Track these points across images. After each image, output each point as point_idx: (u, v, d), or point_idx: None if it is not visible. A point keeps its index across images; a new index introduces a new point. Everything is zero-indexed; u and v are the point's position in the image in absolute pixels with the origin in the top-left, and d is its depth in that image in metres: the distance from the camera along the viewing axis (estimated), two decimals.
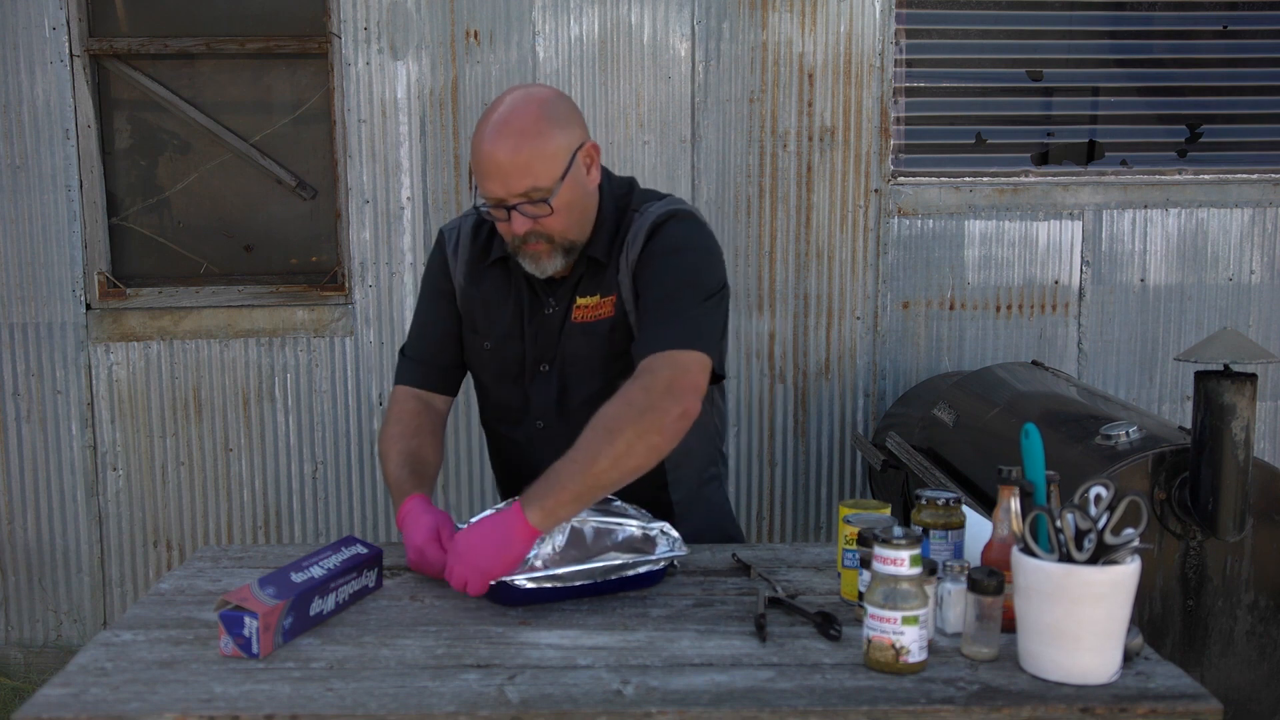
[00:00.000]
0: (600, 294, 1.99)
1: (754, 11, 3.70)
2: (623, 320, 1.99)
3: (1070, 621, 1.44)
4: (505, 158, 1.83)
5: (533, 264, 1.94)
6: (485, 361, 2.09)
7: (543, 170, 1.85)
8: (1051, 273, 3.87)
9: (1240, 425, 2.33)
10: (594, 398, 1.95)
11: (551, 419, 2.05)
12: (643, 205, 2.01)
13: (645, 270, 1.95)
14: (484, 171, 1.86)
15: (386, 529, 3.84)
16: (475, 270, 2.08)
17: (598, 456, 1.74)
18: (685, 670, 1.51)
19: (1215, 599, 2.47)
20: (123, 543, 3.82)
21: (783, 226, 3.78)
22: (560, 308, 2.02)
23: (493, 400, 2.13)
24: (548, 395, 2.05)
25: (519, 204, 1.86)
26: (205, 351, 3.76)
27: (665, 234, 1.95)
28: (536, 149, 1.84)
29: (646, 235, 1.96)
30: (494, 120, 1.86)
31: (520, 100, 1.88)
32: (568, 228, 1.92)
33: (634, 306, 1.96)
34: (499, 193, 1.86)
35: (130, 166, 3.84)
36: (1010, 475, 1.65)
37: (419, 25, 3.66)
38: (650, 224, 1.96)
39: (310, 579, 1.66)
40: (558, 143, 1.86)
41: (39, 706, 1.42)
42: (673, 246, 1.95)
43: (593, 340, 2.00)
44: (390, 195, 3.72)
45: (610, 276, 1.99)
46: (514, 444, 2.12)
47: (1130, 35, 3.92)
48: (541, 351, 2.04)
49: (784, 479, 3.89)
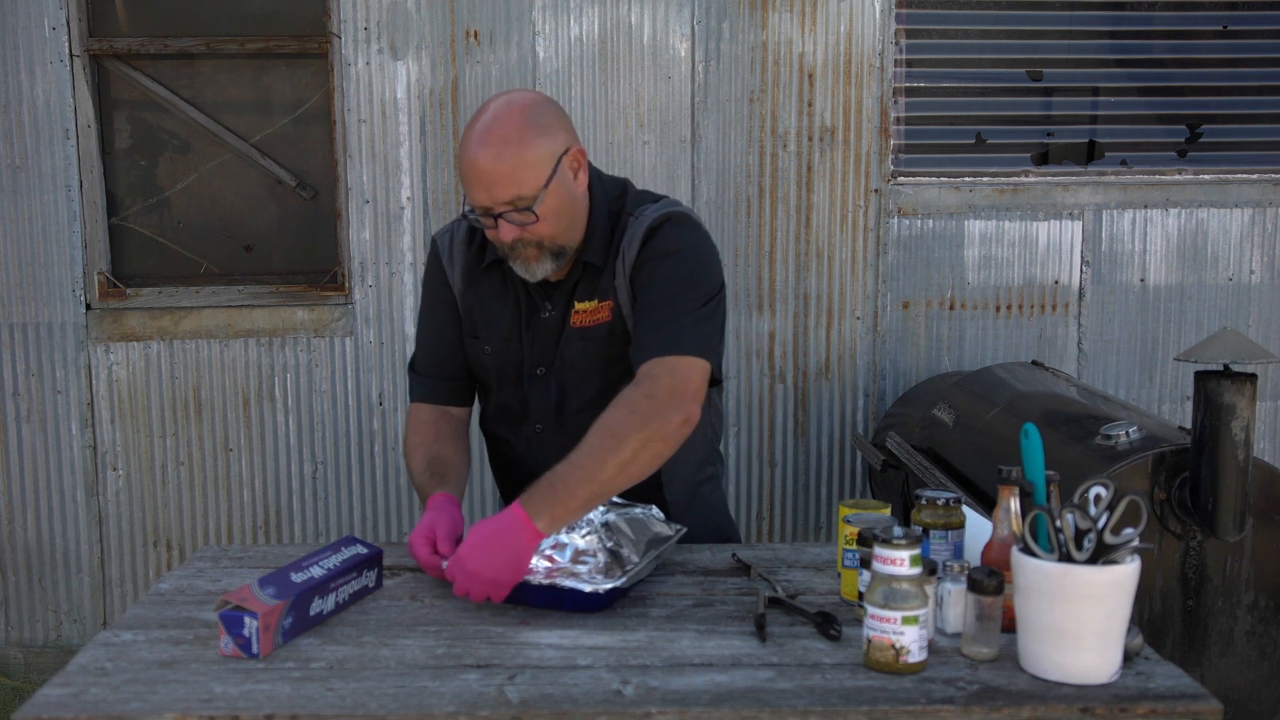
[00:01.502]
0: (598, 299, 1.99)
1: (754, 11, 3.70)
2: (620, 325, 1.98)
3: (1070, 621, 1.44)
4: (488, 166, 1.82)
5: (524, 268, 1.94)
6: (486, 365, 2.09)
7: (527, 179, 1.84)
8: (1051, 273, 3.87)
9: (1240, 425, 2.33)
10: (592, 402, 1.95)
11: (549, 423, 2.05)
12: (638, 209, 2.00)
13: (642, 274, 1.94)
14: (469, 181, 1.86)
15: (386, 529, 3.84)
16: (472, 275, 2.08)
17: (604, 463, 1.75)
18: (685, 670, 1.51)
19: (1215, 599, 2.47)
20: (123, 543, 3.82)
21: (783, 226, 3.78)
22: (557, 311, 2.02)
23: (494, 403, 2.13)
24: (546, 399, 2.05)
25: (505, 212, 1.86)
26: (205, 351, 3.76)
27: (661, 237, 1.95)
28: (519, 157, 1.83)
29: (642, 239, 1.95)
30: (477, 129, 1.85)
31: (502, 108, 1.87)
32: (556, 234, 1.91)
33: (631, 311, 1.96)
34: (484, 201, 1.86)
35: (130, 166, 3.84)
36: (1010, 475, 1.65)
37: (419, 25, 3.67)
38: (646, 228, 1.96)
39: (310, 579, 1.66)
40: (540, 150, 1.85)
41: (39, 706, 1.42)
42: (668, 250, 1.94)
43: (590, 345, 2.00)
44: (390, 195, 3.72)
45: (607, 281, 1.99)
46: (512, 447, 2.12)
47: (1130, 35, 3.92)
48: (539, 355, 2.04)
49: (784, 479, 3.89)
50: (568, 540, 1.82)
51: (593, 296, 1.99)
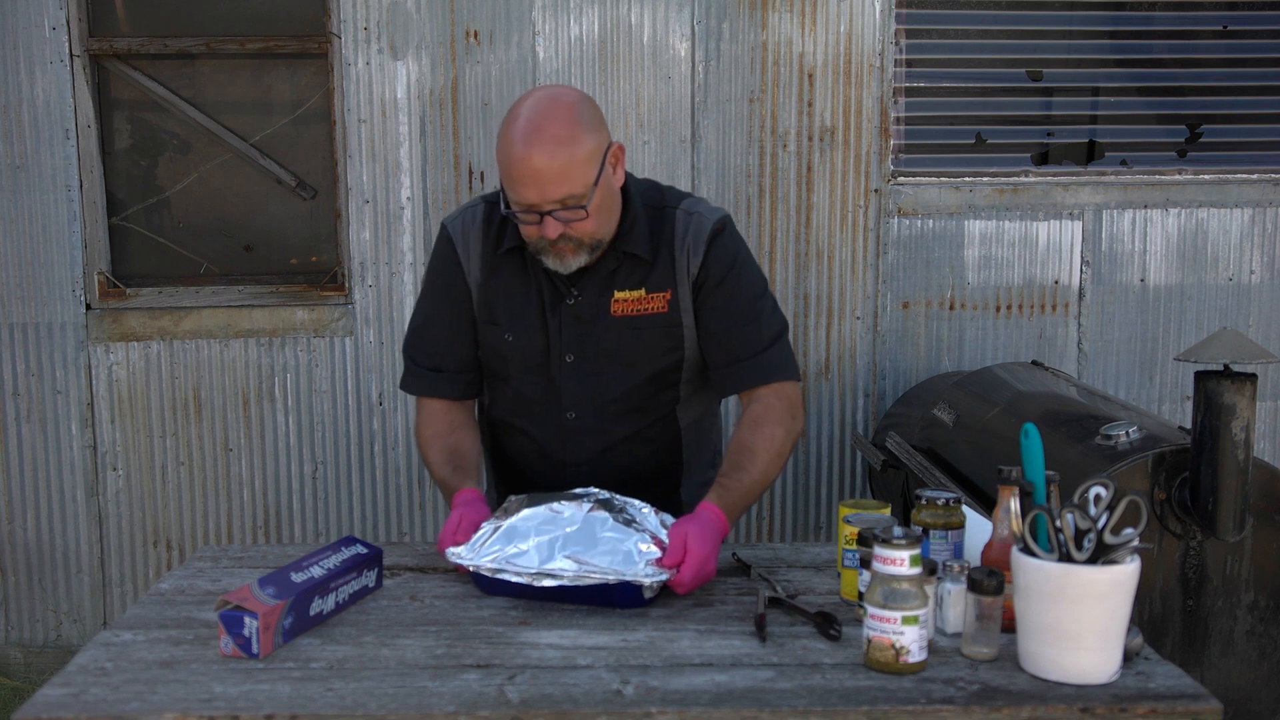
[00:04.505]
0: (645, 289, 2.00)
1: (754, 11, 3.70)
2: (675, 319, 2.01)
3: (1070, 621, 1.44)
4: (542, 165, 1.81)
5: (558, 261, 1.93)
6: (506, 353, 2.06)
7: (578, 177, 1.84)
8: (1051, 273, 3.87)
9: (1240, 425, 2.32)
10: (633, 391, 1.99)
11: (585, 410, 2.04)
12: (680, 203, 2.05)
13: (715, 286, 2.01)
14: (517, 179, 1.84)
15: (386, 529, 3.84)
16: (490, 261, 2.05)
17: (769, 482, 1.98)
18: (685, 670, 1.51)
19: (1215, 599, 2.47)
20: (123, 543, 3.82)
21: (783, 226, 3.78)
22: (587, 298, 2.00)
23: (512, 393, 2.09)
24: (580, 386, 2.03)
25: (553, 210, 1.85)
26: (205, 351, 3.76)
27: (723, 246, 2.02)
28: (572, 156, 1.83)
29: (707, 245, 2.00)
30: (525, 126, 1.83)
31: (550, 104, 1.86)
32: (598, 229, 1.92)
33: (690, 306, 2.01)
34: (534, 199, 1.84)
35: (130, 166, 3.84)
36: (1010, 475, 1.65)
37: (419, 25, 3.67)
38: (709, 233, 2.01)
39: (310, 579, 1.66)
40: (590, 148, 1.86)
41: (39, 706, 1.42)
42: (732, 258, 2.03)
43: (642, 335, 2.01)
44: (390, 195, 3.72)
45: (662, 274, 2.00)
46: (533, 438, 2.09)
47: (1130, 35, 3.92)
48: (568, 342, 2.02)
49: (784, 479, 3.89)
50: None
51: (639, 286, 2.00)
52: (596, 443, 2.03)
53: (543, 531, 1.77)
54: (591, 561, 1.72)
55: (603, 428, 1.99)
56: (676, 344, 2.02)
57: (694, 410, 2.13)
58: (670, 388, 2.07)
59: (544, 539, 1.76)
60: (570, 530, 1.77)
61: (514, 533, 1.78)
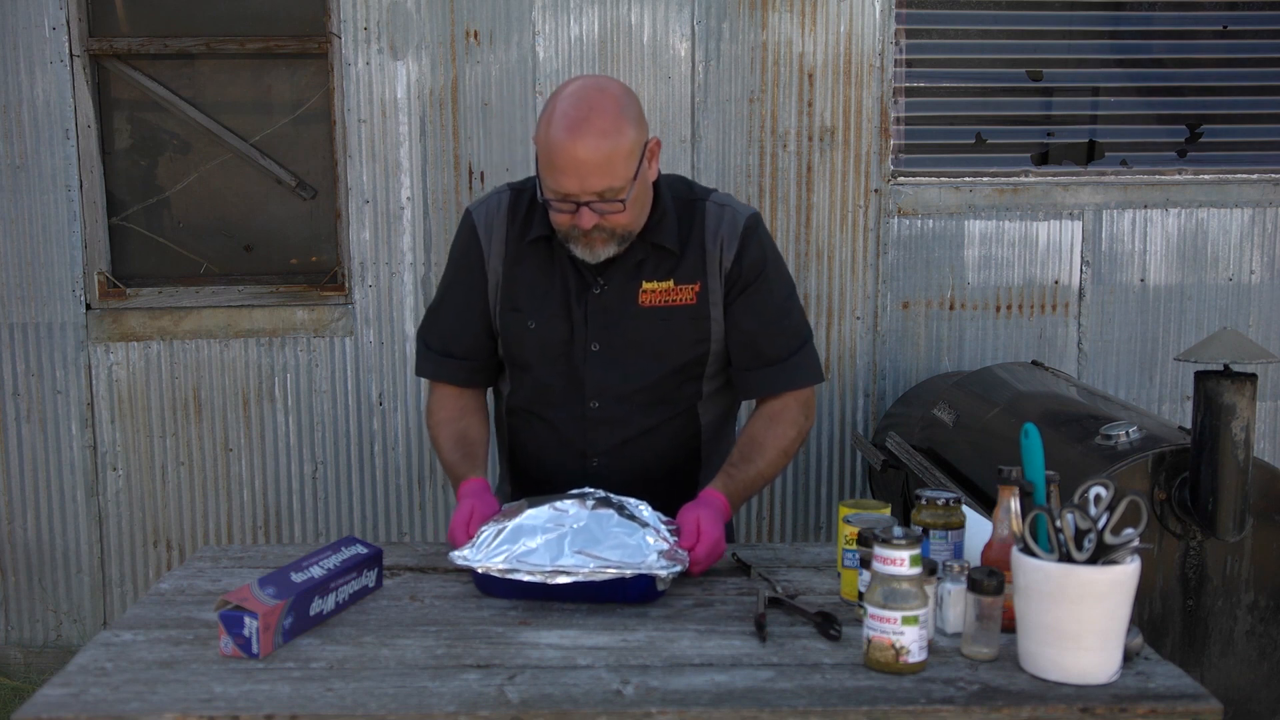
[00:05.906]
0: (675, 280, 2.00)
1: (754, 11, 3.70)
2: (704, 311, 2.02)
3: (1070, 621, 1.44)
4: (586, 156, 1.81)
5: (587, 251, 1.94)
6: (528, 341, 2.05)
7: (620, 170, 1.84)
8: (1051, 273, 3.87)
9: (1240, 425, 2.32)
10: (656, 383, 2.00)
11: (608, 400, 2.04)
12: (709, 196, 2.06)
13: (749, 285, 2.02)
14: (558, 167, 1.83)
15: (386, 529, 3.84)
16: (515, 249, 2.04)
17: (772, 477, 2.05)
18: (685, 670, 1.51)
19: (1215, 599, 2.47)
20: (123, 543, 3.82)
21: (783, 226, 3.78)
22: (613, 288, 2.00)
23: (532, 381, 2.09)
24: (605, 376, 2.03)
25: (591, 201, 1.85)
26: (205, 351, 3.76)
27: (758, 244, 2.04)
28: (616, 148, 1.83)
29: (741, 239, 2.01)
30: (569, 115, 1.83)
31: (596, 95, 1.86)
32: (633, 221, 1.93)
33: (720, 300, 2.01)
34: (573, 189, 1.84)
35: (130, 166, 3.84)
36: (1010, 475, 1.65)
37: (419, 25, 3.67)
38: (744, 227, 2.02)
39: (310, 579, 1.66)
40: (633, 141, 1.86)
41: (39, 706, 1.42)
42: (765, 256, 2.05)
43: (668, 325, 2.01)
44: (390, 195, 3.72)
45: (691, 265, 2.01)
46: (553, 428, 2.08)
47: (1130, 35, 3.92)
48: (594, 332, 2.02)
49: (784, 479, 3.89)
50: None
51: (667, 277, 2.00)
52: (618, 434, 2.04)
53: (549, 529, 1.77)
54: (604, 556, 1.73)
55: (625, 418, 2.01)
56: (704, 336, 2.03)
57: (715, 409, 2.14)
58: (694, 381, 2.07)
59: (552, 536, 1.77)
60: (577, 527, 1.77)
61: (521, 531, 1.78)
